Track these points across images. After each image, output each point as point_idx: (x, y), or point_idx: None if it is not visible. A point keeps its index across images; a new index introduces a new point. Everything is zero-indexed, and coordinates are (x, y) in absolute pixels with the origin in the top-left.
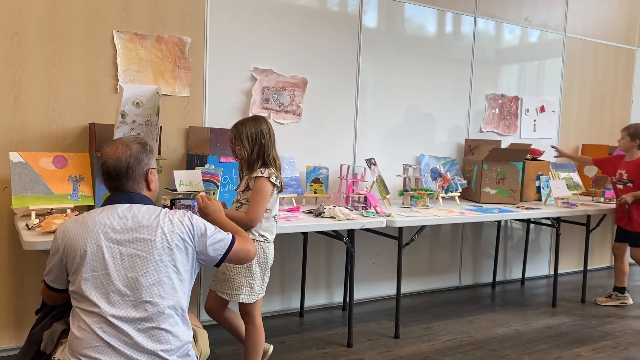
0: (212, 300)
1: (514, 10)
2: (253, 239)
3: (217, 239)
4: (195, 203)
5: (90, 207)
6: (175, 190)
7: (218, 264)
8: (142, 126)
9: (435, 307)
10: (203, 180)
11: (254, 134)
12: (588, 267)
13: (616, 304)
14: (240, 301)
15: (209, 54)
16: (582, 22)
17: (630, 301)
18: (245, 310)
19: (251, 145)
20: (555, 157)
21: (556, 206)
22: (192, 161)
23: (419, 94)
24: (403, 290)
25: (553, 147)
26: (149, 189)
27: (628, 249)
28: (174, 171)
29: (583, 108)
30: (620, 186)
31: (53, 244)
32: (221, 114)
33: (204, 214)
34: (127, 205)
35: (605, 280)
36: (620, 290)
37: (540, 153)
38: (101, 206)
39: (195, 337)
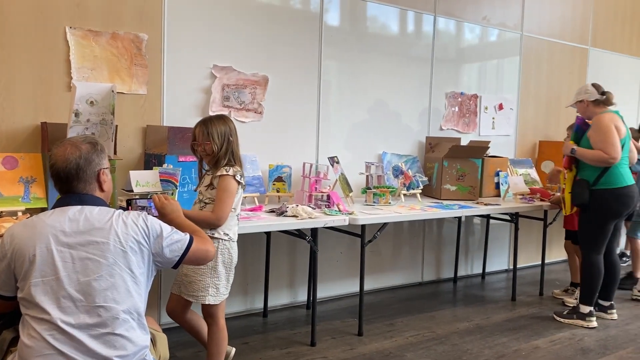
0: (174, 303)
1: (473, 9)
2: (218, 238)
3: (174, 240)
4: (152, 203)
5: (43, 210)
6: (132, 191)
7: (176, 266)
8: (97, 125)
9: (398, 304)
10: (161, 180)
11: (223, 131)
12: (546, 261)
13: (572, 299)
14: (207, 302)
15: (167, 51)
16: (538, 21)
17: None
18: (209, 311)
19: (221, 141)
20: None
21: (514, 202)
22: (149, 161)
23: (381, 92)
24: (366, 287)
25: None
26: (101, 190)
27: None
28: (130, 171)
29: (540, 106)
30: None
31: (0, 249)
32: (180, 113)
33: (161, 214)
34: (79, 207)
35: (562, 273)
36: (577, 285)
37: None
38: (51, 209)
39: (153, 341)
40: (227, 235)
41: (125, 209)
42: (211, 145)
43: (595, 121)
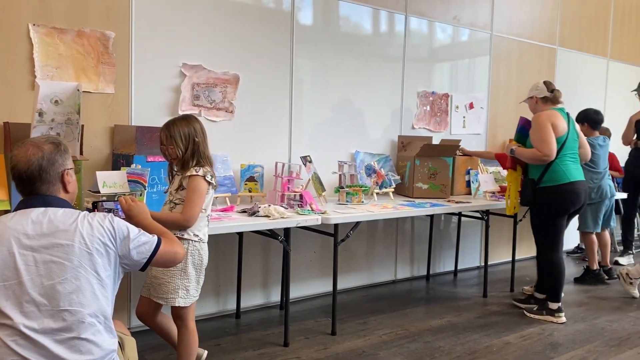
0: (144, 305)
1: (443, 9)
2: (188, 239)
3: (141, 242)
4: (119, 206)
5: (6, 212)
6: (99, 192)
7: (143, 268)
8: (62, 125)
9: (371, 302)
10: (129, 181)
11: (187, 133)
12: (516, 258)
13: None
14: (177, 304)
15: (135, 50)
16: (507, 21)
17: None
18: (179, 314)
19: (185, 144)
20: (460, 155)
21: (485, 199)
22: (117, 161)
23: (354, 91)
24: (340, 286)
25: (459, 149)
26: (65, 191)
27: None
28: (97, 172)
29: (509, 104)
30: None
31: None
32: (148, 112)
33: (128, 216)
34: (42, 209)
35: (532, 270)
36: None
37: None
38: (13, 211)
39: (122, 345)
40: (197, 236)
41: (91, 211)
42: (175, 149)
43: (533, 119)
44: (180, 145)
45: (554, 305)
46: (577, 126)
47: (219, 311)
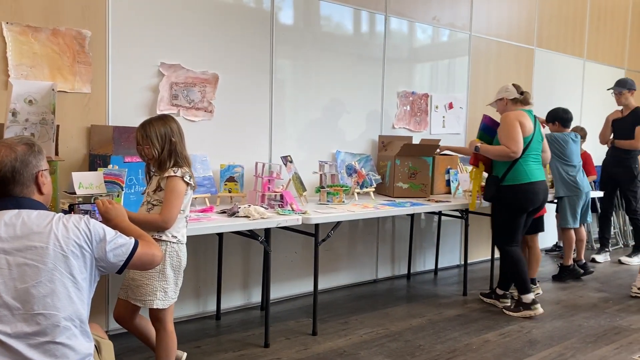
0: (121, 308)
1: (423, 9)
2: (166, 241)
3: (118, 244)
4: (96, 208)
5: None
6: (75, 193)
7: (120, 271)
8: (37, 125)
9: (352, 302)
10: (106, 182)
11: (163, 133)
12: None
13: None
14: (155, 307)
15: (112, 49)
16: (486, 22)
17: (540, 291)
18: (157, 316)
19: (161, 144)
20: (437, 153)
21: (464, 199)
22: (94, 162)
23: (335, 91)
24: (321, 286)
25: (439, 147)
26: (40, 192)
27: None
28: (73, 173)
29: None
30: None
31: None
32: (126, 112)
33: (105, 219)
34: (16, 211)
35: None
36: (532, 281)
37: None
38: None
39: (98, 349)
40: (176, 237)
41: (66, 213)
42: (151, 149)
43: (502, 118)
44: (157, 145)
45: (527, 298)
46: (542, 129)
47: (199, 313)
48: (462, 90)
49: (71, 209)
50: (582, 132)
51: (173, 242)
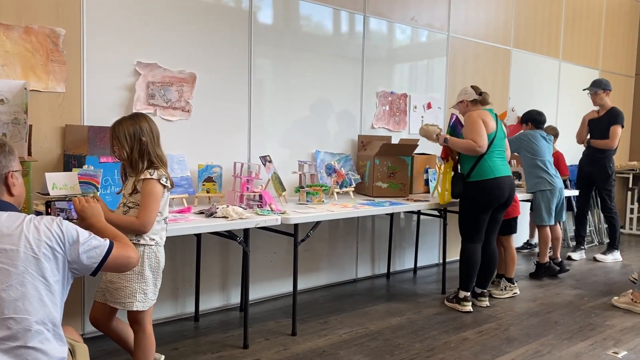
0: (98, 311)
1: (401, 9)
2: (144, 244)
3: (92, 246)
4: (72, 206)
5: None
6: (48, 194)
7: (94, 273)
8: (9, 125)
9: (332, 301)
10: (80, 182)
11: (132, 133)
12: None
13: (498, 290)
14: (135, 309)
15: (87, 47)
16: (464, 23)
17: (517, 291)
18: (136, 318)
19: (130, 144)
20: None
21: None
22: (69, 162)
23: (314, 91)
24: (301, 286)
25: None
26: (10, 194)
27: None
28: (46, 173)
29: None
30: None
31: None
32: (101, 111)
33: (81, 217)
34: None
35: None
36: (502, 276)
37: None
38: None
39: (72, 353)
40: (154, 240)
41: (39, 214)
42: (120, 150)
43: (465, 118)
44: (125, 146)
45: (461, 294)
46: (504, 127)
47: (177, 314)
48: (440, 91)
49: (48, 208)
50: (553, 132)
51: (151, 245)
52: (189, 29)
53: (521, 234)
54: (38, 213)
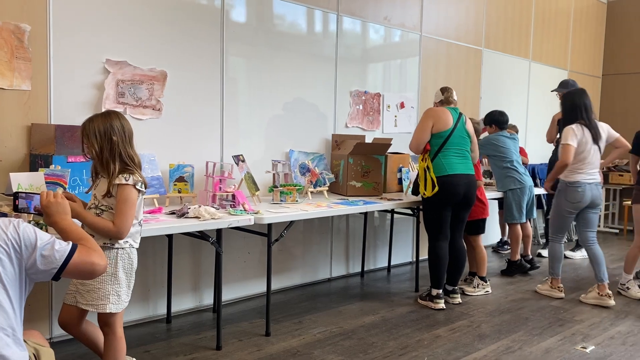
0: (67, 313)
1: (374, 9)
2: (117, 247)
3: (51, 251)
4: (31, 203)
5: None
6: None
7: (55, 278)
8: None
9: (306, 301)
10: (47, 182)
11: (102, 131)
12: None
13: (471, 288)
14: (108, 311)
15: (54, 44)
16: (436, 23)
17: (489, 289)
18: (107, 320)
19: (100, 142)
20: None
21: (415, 196)
22: (35, 162)
23: (288, 90)
24: (276, 286)
25: None
26: None
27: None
28: (11, 174)
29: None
30: None
31: None
32: (69, 110)
33: (46, 214)
34: None
35: None
36: (474, 274)
37: None
38: None
39: (37, 357)
40: (128, 242)
41: (3, 215)
42: (90, 148)
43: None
44: (94, 144)
45: (434, 292)
46: (470, 127)
47: (149, 316)
48: (413, 90)
49: (16, 199)
50: (514, 129)
51: (125, 247)
52: (159, 26)
53: (494, 234)
54: (2, 215)
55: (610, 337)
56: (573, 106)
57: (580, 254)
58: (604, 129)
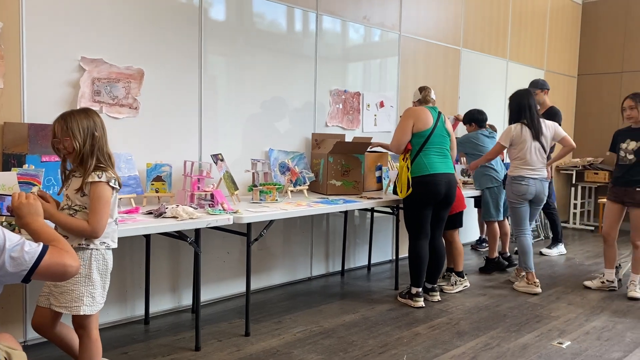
0: (41, 316)
1: (353, 8)
2: (92, 248)
3: (20, 252)
4: (3, 204)
5: None
6: None
7: (25, 280)
8: None
9: (286, 300)
10: (20, 182)
11: (85, 126)
12: None
13: (449, 285)
14: (82, 313)
15: (27, 41)
16: (415, 23)
17: (467, 284)
18: (82, 323)
19: (83, 137)
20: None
21: (396, 195)
22: (8, 161)
23: (268, 89)
24: (255, 286)
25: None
26: None
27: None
28: None
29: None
30: None
31: None
32: (43, 108)
33: (17, 215)
34: None
35: None
36: (452, 270)
37: None
38: None
39: None
40: (104, 243)
41: None
42: (71, 142)
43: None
44: (78, 138)
45: (413, 290)
46: (449, 125)
47: (126, 318)
48: (393, 89)
49: None
50: (492, 129)
51: (100, 248)
52: (136, 23)
53: (472, 232)
54: None
55: (586, 332)
56: (519, 107)
57: (557, 251)
58: (550, 127)
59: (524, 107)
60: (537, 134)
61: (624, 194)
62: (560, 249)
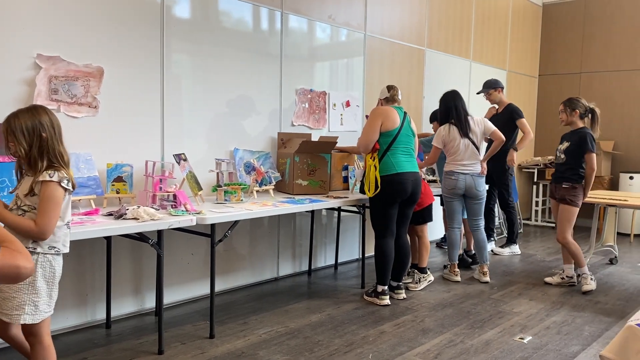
0: None
1: (318, 7)
2: (39, 252)
3: None
4: None
5: None
6: None
7: None
8: None
9: (253, 301)
10: None
11: (30, 127)
12: None
13: (414, 283)
14: (22, 322)
15: None
16: (380, 23)
17: (432, 278)
18: (30, 330)
19: (28, 140)
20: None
21: (363, 194)
22: None
23: (233, 88)
24: (221, 287)
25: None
26: None
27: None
28: None
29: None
30: None
31: None
32: None
33: None
34: None
35: None
36: (415, 266)
37: None
38: None
39: None
40: (53, 248)
41: None
42: (16, 146)
43: (370, 112)
44: (22, 142)
45: (379, 288)
46: (414, 125)
47: (87, 322)
48: (359, 89)
49: None
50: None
51: (47, 254)
52: (96, 20)
53: (437, 230)
54: None
55: (546, 327)
56: (446, 108)
57: (509, 251)
58: (479, 123)
59: (450, 108)
60: (465, 132)
61: (555, 190)
62: (514, 249)
